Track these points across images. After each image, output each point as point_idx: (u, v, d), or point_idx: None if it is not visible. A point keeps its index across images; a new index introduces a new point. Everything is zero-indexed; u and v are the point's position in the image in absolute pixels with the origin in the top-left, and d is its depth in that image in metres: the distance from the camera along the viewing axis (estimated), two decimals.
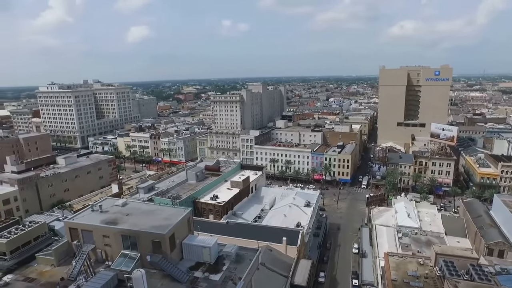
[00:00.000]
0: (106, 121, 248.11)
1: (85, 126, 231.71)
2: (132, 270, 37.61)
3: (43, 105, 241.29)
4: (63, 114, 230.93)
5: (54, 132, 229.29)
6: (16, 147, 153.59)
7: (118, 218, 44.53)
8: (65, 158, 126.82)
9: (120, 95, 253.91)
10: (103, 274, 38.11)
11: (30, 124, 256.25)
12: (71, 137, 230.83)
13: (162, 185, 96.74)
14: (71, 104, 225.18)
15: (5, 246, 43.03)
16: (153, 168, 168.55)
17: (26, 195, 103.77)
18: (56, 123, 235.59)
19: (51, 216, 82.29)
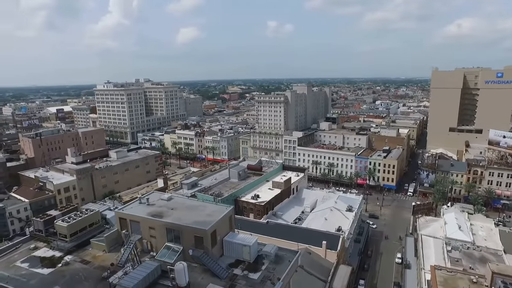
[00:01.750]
0: (154, 118, 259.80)
1: (135, 123, 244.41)
2: (174, 262, 39.17)
3: (99, 102, 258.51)
4: (116, 110, 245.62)
5: (107, 127, 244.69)
6: (76, 140, 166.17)
7: (164, 212, 46.55)
8: (116, 152, 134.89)
9: (168, 94, 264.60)
10: (148, 263, 40.08)
11: (88, 120, 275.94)
12: (122, 132, 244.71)
13: (205, 182, 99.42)
14: (124, 102, 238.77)
15: (66, 229, 46.79)
16: (197, 165, 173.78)
17: (82, 184, 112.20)
18: (110, 119, 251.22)
19: (103, 206, 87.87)
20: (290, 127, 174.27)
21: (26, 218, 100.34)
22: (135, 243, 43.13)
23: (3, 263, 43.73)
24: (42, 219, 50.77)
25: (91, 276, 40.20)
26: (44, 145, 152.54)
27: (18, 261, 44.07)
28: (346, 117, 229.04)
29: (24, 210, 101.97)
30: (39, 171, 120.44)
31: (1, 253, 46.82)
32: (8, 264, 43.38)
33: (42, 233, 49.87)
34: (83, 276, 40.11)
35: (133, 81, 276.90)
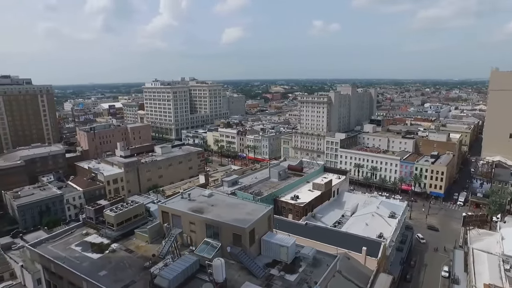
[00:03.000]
0: (198, 116, 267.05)
1: (180, 120, 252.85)
2: (213, 258, 39.92)
3: (147, 99, 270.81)
4: (163, 108, 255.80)
5: (154, 124, 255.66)
6: (125, 135, 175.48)
7: (204, 208, 47.61)
8: (161, 147, 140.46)
9: (212, 92, 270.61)
10: (187, 257, 41.23)
11: (136, 116, 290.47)
12: (168, 129, 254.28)
13: (245, 180, 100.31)
14: (170, 99, 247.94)
15: (113, 218, 49.59)
16: (237, 163, 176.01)
17: (129, 177, 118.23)
18: (156, 116, 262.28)
19: (147, 198, 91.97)
20: (333, 129, 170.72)
21: (80, 205, 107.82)
22: (176, 236, 44.55)
23: (61, 245, 47.39)
24: (93, 207, 54.19)
25: (134, 264, 42.19)
26: (97, 138, 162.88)
27: (72, 244, 47.50)
28: (391, 120, 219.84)
29: (78, 198, 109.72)
30: (92, 163, 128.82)
31: (59, 235, 50.81)
32: (65, 246, 46.95)
33: (92, 220, 53.23)
34: (127, 264, 42.20)
35: (179, 80, 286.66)
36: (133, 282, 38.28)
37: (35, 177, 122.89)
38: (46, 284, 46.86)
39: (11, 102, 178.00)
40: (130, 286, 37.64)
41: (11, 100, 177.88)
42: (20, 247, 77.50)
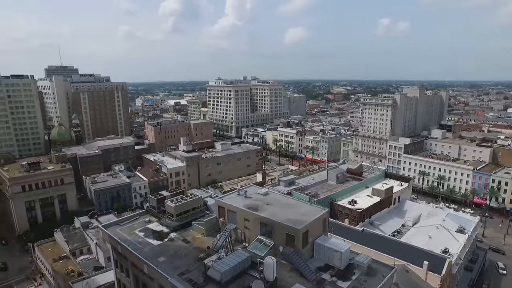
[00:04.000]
0: (258, 114, 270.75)
1: (240, 118, 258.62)
2: (265, 256, 40.22)
3: (210, 97, 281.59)
4: (224, 105, 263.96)
5: (215, 121, 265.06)
6: (188, 131, 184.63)
7: (259, 206, 48.15)
8: (221, 144, 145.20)
9: (273, 92, 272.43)
10: (240, 253, 42.08)
11: (199, 112, 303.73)
12: (228, 126, 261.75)
13: (302, 181, 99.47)
14: (231, 97, 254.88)
15: (173, 209, 52.50)
16: (295, 164, 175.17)
17: (190, 171, 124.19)
18: (218, 113, 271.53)
19: (205, 193, 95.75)
20: (397, 133, 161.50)
21: (145, 194, 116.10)
22: (230, 231, 45.71)
23: (127, 229, 51.52)
24: (156, 197, 57.86)
25: (189, 254, 44.22)
26: (163, 133, 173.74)
27: (136, 230, 51.31)
28: (465, 125, 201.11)
29: (144, 187, 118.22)
30: (157, 155, 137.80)
31: (126, 220, 55.31)
32: (130, 231, 50.93)
33: (155, 209, 56.88)
34: (183, 253, 44.40)
35: (241, 79, 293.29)
36: (187, 271, 40.15)
37: (109, 166, 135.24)
38: (114, 262, 51.28)
39: (93, 98, 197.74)
40: (185, 274, 39.52)
41: (93, 96, 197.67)
42: (95, 227, 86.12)
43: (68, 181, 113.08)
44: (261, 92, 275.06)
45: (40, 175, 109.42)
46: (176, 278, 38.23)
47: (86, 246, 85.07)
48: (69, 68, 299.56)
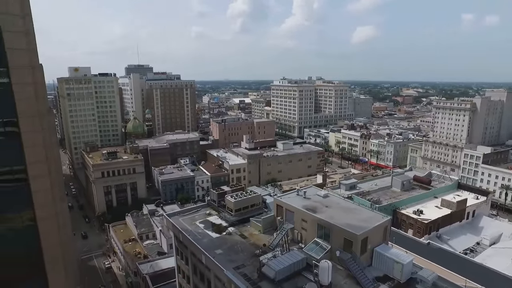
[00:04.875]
0: (322, 115, 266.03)
1: (303, 118, 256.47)
2: (320, 259, 39.51)
3: (274, 96, 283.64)
4: (288, 105, 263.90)
5: (278, 120, 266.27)
6: (251, 129, 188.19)
7: (318, 208, 47.40)
8: (283, 143, 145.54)
9: (338, 92, 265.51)
10: (296, 253, 41.87)
11: (262, 111, 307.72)
12: (291, 126, 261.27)
13: (364, 186, 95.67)
14: (295, 97, 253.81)
15: (233, 204, 54.14)
16: (358, 167, 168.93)
17: (251, 168, 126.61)
18: (281, 113, 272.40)
19: (265, 191, 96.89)
20: (475, 140, 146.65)
21: (206, 188, 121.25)
22: (287, 231, 45.70)
23: (188, 220, 54.46)
24: (217, 192, 60.13)
25: (246, 249, 45.18)
26: (227, 130, 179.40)
27: (197, 221, 53.93)
28: None
29: (206, 181, 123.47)
30: (220, 152, 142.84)
31: (188, 211, 58.50)
32: (191, 221, 53.76)
33: (215, 203, 59.15)
34: (240, 248, 45.51)
35: (306, 79, 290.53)
36: (243, 266, 41.09)
37: (175, 159, 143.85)
38: (175, 249, 54.53)
39: (165, 94, 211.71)
40: (241, 268, 40.51)
41: (164, 93, 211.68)
42: (160, 215, 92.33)
43: (139, 171, 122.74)
44: (326, 93, 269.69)
45: (116, 163, 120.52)
46: (231, 271, 39.40)
47: (151, 232, 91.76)
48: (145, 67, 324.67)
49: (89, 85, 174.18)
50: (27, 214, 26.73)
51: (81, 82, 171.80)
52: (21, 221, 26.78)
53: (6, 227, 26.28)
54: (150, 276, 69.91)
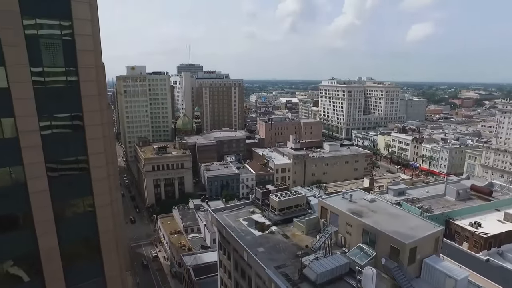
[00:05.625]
0: (371, 117, 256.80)
1: (352, 120, 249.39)
2: (364, 265, 38.27)
3: (321, 97, 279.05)
4: (336, 106, 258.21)
5: (325, 121, 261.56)
6: (297, 129, 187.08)
7: (364, 212, 45.93)
8: (330, 145, 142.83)
9: (389, 94, 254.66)
10: (339, 257, 40.93)
11: (310, 112, 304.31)
12: (338, 127, 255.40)
13: (414, 193, 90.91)
14: (344, 98, 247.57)
15: (277, 204, 54.26)
16: (408, 173, 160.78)
17: (296, 169, 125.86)
18: (328, 113, 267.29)
19: (309, 192, 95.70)
20: None
21: (251, 186, 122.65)
22: (331, 234, 44.85)
23: (232, 216, 55.57)
24: (261, 190, 60.58)
25: (287, 249, 45.06)
26: (273, 129, 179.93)
27: (241, 218, 54.83)
28: None
29: (251, 179, 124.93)
30: (266, 150, 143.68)
31: (232, 208, 59.71)
32: (235, 218, 54.81)
33: (259, 201, 59.64)
34: (282, 248, 45.50)
35: (355, 79, 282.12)
36: (284, 266, 41.03)
37: (221, 156, 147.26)
38: (218, 244, 55.91)
39: (213, 93, 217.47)
40: (282, 268, 40.49)
41: (213, 91, 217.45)
42: (205, 210, 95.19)
43: (187, 166, 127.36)
44: (376, 94, 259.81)
45: (166, 158, 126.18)
46: (272, 270, 39.54)
47: (196, 226, 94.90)
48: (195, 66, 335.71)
49: (143, 83, 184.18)
50: (87, 200, 29.14)
51: (136, 80, 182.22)
52: (83, 206, 29.25)
53: (71, 211, 28.83)
54: (193, 268, 72.40)
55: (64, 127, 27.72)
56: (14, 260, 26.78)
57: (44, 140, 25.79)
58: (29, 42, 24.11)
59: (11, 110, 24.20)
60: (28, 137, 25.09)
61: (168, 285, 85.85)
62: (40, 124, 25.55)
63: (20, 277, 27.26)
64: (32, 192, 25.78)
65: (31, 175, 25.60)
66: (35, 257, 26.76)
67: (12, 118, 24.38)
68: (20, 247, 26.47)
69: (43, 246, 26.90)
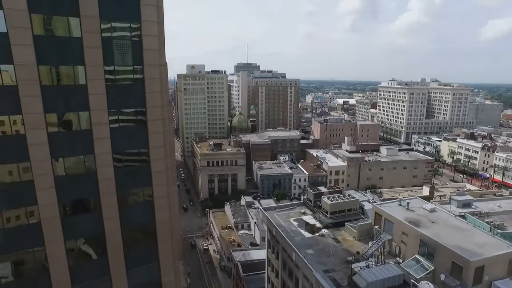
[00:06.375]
0: (434, 121, 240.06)
1: (412, 123, 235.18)
2: (420, 279, 35.99)
3: (380, 99, 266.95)
4: (395, 108, 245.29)
5: (383, 124, 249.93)
6: (353, 131, 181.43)
7: (422, 222, 43.20)
8: (387, 149, 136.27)
9: (456, 97, 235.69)
10: (392, 267, 38.93)
11: (367, 114, 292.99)
12: (397, 131, 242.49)
13: (482, 206, 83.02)
14: (405, 100, 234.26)
15: (329, 206, 53.22)
16: (475, 183, 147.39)
17: (350, 172, 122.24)
18: (387, 116, 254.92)
19: (363, 196, 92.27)
20: None
21: (303, 187, 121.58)
22: (384, 242, 42.86)
23: (283, 216, 55.70)
24: (313, 191, 59.81)
25: (337, 254, 43.95)
26: (328, 130, 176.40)
27: (291, 218, 54.70)
28: None
29: (303, 180, 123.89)
30: (320, 152, 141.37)
31: (283, 207, 59.89)
32: (286, 218, 54.88)
33: (311, 203, 58.94)
34: (331, 252, 44.50)
35: (419, 81, 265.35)
36: (333, 270, 40.08)
37: (275, 155, 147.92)
38: (267, 243, 56.32)
39: (269, 92, 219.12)
40: (330, 272, 39.59)
41: (269, 90, 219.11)
42: (256, 208, 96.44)
43: (241, 164, 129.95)
44: (441, 97, 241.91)
45: (221, 154, 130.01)
46: (321, 273, 38.86)
47: (246, 223, 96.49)
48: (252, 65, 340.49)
49: (202, 81, 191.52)
50: (147, 190, 31.23)
51: (196, 78, 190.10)
52: (142, 196, 31.42)
53: (132, 200, 31.13)
54: (242, 264, 73.77)
55: (129, 121, 29.99)
56: (85, 239, 29.75)
57: (112, 132, 28.22)
58: (104, 44, 26.60)
59: (87, 105, 26.81)
60: (100, 129, 27.67)
61: (217, 277, 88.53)
62: (110, 118, 28.00)
63: (90, 254, 30.23)
64: (101, 179, 28.43)
65: (100, 164, 28.21)
66: (102, 238, 29.46)
67: (88, 112, 27.01)
68: (90, 228, 29.27)
69: (108, 229, 29.53)
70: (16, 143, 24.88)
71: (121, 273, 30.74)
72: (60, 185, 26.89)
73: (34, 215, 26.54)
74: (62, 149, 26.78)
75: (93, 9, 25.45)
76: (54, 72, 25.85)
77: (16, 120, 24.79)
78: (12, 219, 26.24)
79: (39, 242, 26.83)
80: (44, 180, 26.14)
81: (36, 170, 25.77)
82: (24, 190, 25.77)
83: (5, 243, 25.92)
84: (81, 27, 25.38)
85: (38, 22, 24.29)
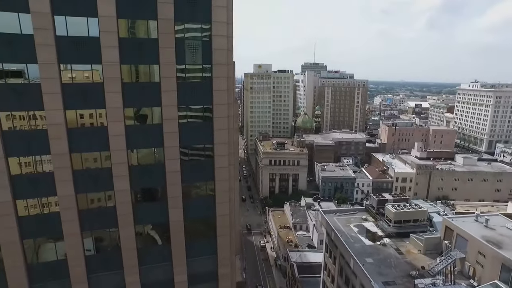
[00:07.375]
0: None
1: (498, 130, 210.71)
2: None
3: (459, 102, 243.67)
4: (477, 113, 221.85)
5: (461, 130, 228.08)
6: (425, 136, 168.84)
7: (505, 243, 38.58)
8: (464, 157, 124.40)
9: None
10: None
11: (442, 118, 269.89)
12: (477, 138, 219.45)
13: None
14: (489, 105, 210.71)
15: (393, 214, 50.32)
16: None
17: (419, 180, 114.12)
18: (466, 121, 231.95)
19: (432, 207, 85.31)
20: None
21: (366, 192, 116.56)
22: (455, 260, 39.24)
23: (343, 220, 54.15)
24: (377, 198, 57.02)
25: (399, 267, 41.36)
26: (397, 134, 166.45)
27: (352, 224, 52.89)
28: None
29: (367, 185, 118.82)
30: (386, 157, 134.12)
31: (344, 212, 58.25)
32: (346, 223, 53.26)
33: (373, 209, 56.27)
34: (393, 263, 42.02)
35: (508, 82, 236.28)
36: (393, 283, 37.82)
37: (338, 157, 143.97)
38: (325, 246, 55.13)
39: (336, 93, 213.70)
40: (391, 285, 37.42)
41: (336, 91, 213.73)
42: (316, 210, 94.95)
43: (303, 164, 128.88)
44: None
45: (283, 154, 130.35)
46: (380, 285, 36.98)
47: (305, 224, 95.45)
48: (320, 65, 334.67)
49: (268, 80, 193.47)
50: (209, 185, 32.69)
51: (262, 77, 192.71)
52: (205, 190, 32.93)
53: (195, 192, 32.82)
54: (298, 265, 73.24)
55: (197, 118, 31.60)
56: (152, 225, 32.37)
57: (180, 127, 30.03)
58: (177, 44, 28.46)
59: (160, 101, 28.89)
60: (170, 124, 29.69)
61: (272, 276, 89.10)
62: (179, 114, 29.83)
63: (156, 240, 32.79)
64: (168, 171, 30.49)
65: (169, 156, 30.27)
66: (166, 226, 31.75)
67: (160, 107, 29.11)
68: (157, 216, 31.66)
69: (172, 218, 31.68)
70: (101, 134, 27.99)
71: (181, 261, 32.72)
72: (133, 174, 29.53)
73: (111, 199, 29.66)
74: (136, 141, 29.33)
75: (169, 12, 27.39)
76: (134, 70, 28.43)
77: (102, 113, 27.90)
78: (95, 201, 29.78)
79: (114, 223, 29.99)
80: (120, 168, 29.02)
81: (114, 159, 28.74)
82: (104, 176, 28.86)
83: (88, 222, 29.50)
84: (158, 29, 27.50)
85: (123, 26, 27.01)
